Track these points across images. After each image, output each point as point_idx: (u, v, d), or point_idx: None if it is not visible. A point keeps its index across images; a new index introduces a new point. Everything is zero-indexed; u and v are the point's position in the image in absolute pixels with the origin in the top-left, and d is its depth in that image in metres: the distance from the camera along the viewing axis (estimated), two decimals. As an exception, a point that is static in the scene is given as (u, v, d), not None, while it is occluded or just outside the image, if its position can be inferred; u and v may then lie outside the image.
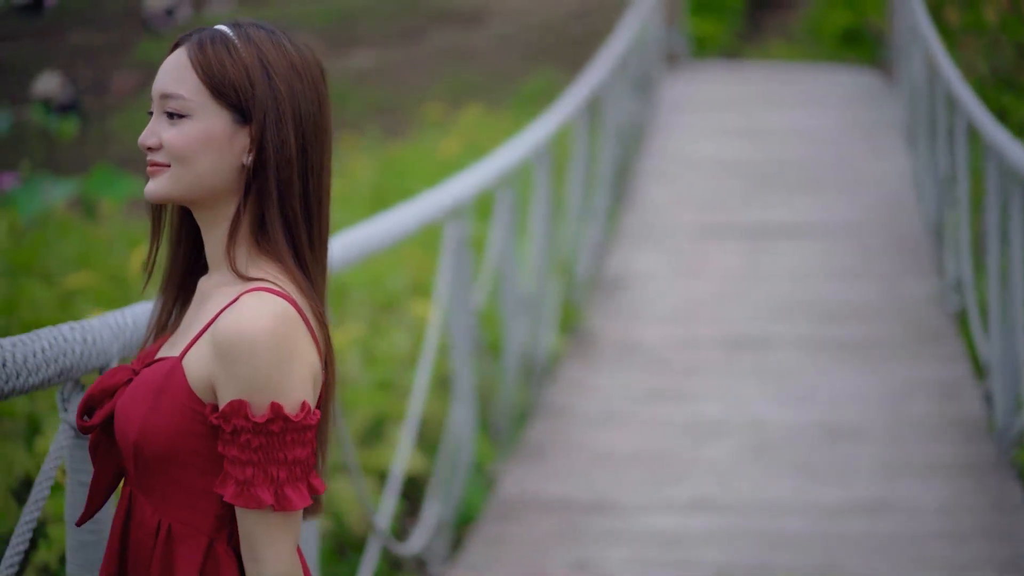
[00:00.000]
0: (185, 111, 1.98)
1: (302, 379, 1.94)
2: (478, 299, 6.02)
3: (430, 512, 5.13)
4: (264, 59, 1.99)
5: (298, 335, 1.94)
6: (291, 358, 1.93)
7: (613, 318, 8.26)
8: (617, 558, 5.07)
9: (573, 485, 5.82)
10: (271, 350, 1.91)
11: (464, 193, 5.52)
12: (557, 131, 7.88)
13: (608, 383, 7.17)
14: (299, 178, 1.99)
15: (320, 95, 2.03)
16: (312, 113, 2.01)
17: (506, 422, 6.43)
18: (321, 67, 2.05)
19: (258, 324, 1.91)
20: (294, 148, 1.99)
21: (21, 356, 2.11)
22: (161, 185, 1.99)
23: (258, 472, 1.92)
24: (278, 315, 1.92)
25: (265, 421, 1.91)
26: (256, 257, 2.00)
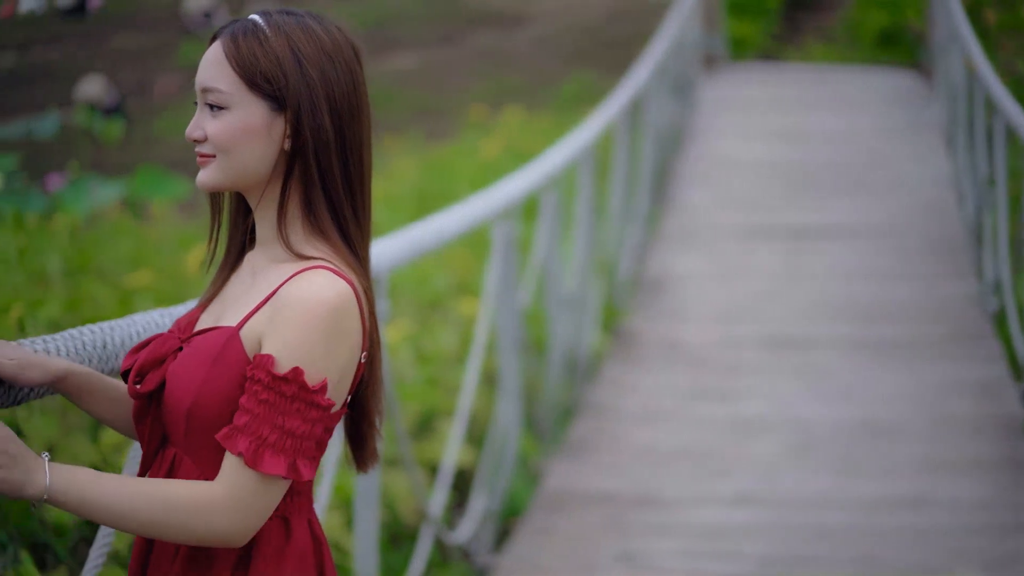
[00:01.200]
0: (224, 103, 2.04)
1: (339, 361, 2.00)
2: (524, 298, 6.15)
3: (477, 503, 5.27)
4: (295, 47, 2.04)
5: (351, 318, 2.01)
6: (338, 338, 1.99)
7: (654, 318, 8.38)
8: (663, 550, 5.19)
9: (618, 480, 5.94)
10: (325, 323, 1.97)
11: (512, 195, 5.66)
12: (601, 134, 8.01)
13: (650, 382, 7.30)
14: (338, 159, 2.06)
15: (354, 75, 2.08)
16: (346, 94, 2.06)
17: (550, 419, 6.57)
18: (355, 46, 2.10)
19: (322, 296, 1.97)
20: (331, 131, 2.05)
21: (119, 339, 2.25)
22: (209, 175, 2.06)
23: (251, 424, 1.95)
24: (340, 294, 1.99)
25: (280, 378, 1.96)
26: (308, 236, 2.06)
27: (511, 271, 5.70)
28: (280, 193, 2.07)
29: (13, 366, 2.04)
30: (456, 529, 5.11)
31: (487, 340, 5.56)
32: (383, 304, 3.82)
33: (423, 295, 7.23)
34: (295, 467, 1.98)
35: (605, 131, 8.25)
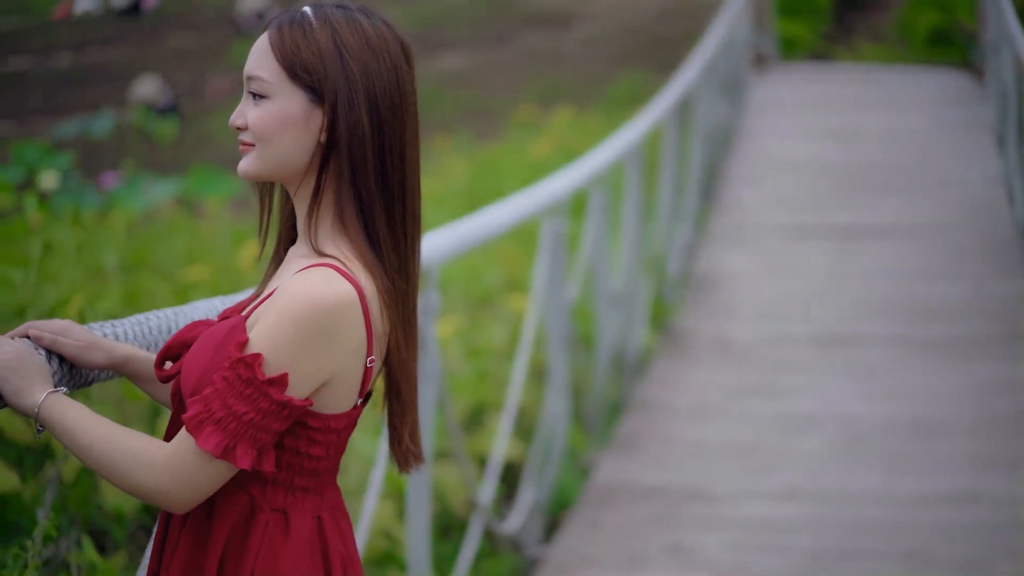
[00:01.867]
0: (266, 92, 2.03)
1: (320, 361, 1.97)
2: (572, 294, 6.21)
3: (526, 495, 5.33)
4: (338, 39, 2.02)
5: (346, 320, 1.98)
6: (322, 338, 1.96)
7: (703, 315, 8.43)
8: (712, 543, 5.24)
9: (666, 474, 6.00)
10: (305, 320, 1.95)
11: (561, 191, 5.72)
12: (648, 133, 8.05)
13: (699, 378, 7.34)
14: (375, 156, 2.02)
15: (398, 72, 2.05)
16: (388, 91, 2.03)
17: (599, 414, 6.62)
18: (403, 44, 2.07)
19: (310, 294, 1.95)
20: (368, 127, 2.02)
21: (183, 324, 2.32)
22: (248, 163, 2.05)
23: (208, 396, 1.95)
24: (336, 294, 1.96)
25: (240, 360, 1.95)
26: (332, 233, 2.04)
27: (559, 267, 5.76)
28: (315, 187, 2.05)
29: (78, 347, 2.09)
30: (506, 520, 5.18)
31: (535, 335, 5.63)
32: (433, 297, 3.89)
33: (473, 291, 7.30)
34: (231, 450, 1.95)
35: (653, 129, 8.29)
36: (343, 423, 2.05)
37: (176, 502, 1.98)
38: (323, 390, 2.01)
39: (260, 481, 2.03)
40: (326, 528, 2.08)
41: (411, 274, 2.09)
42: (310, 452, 2.04)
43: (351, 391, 2.03)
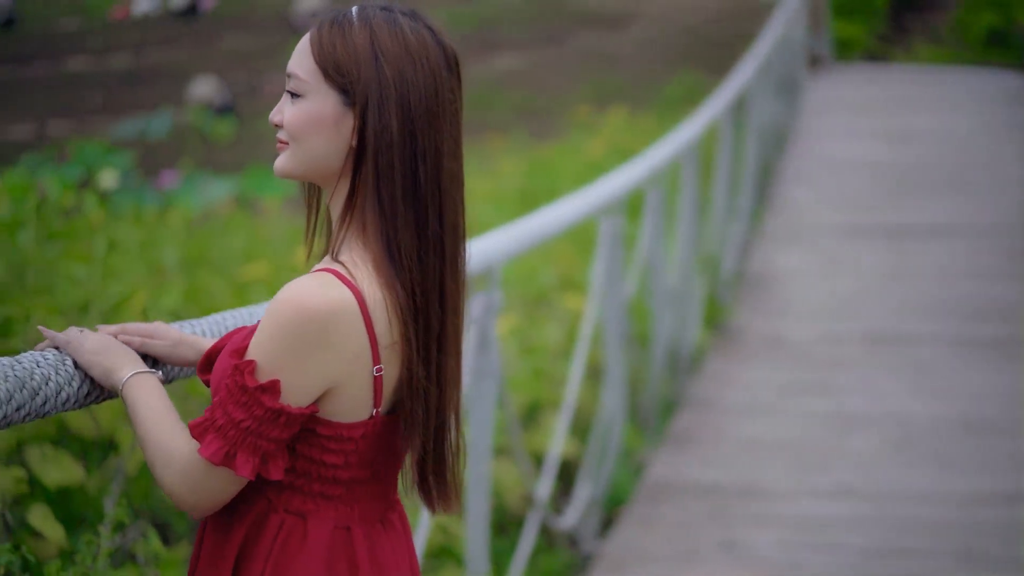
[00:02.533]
0: (301, 91, 1.99)
1: (313, 368, 1.93)
2: (629, 292, 6.27)
3: (582, 492, 5.40)
4: (376, 42, 1.97)
5: (340, 327, 1.93)
6: (313, 345, 1.92)
7: (757, 314, 8.46)
8: (764, 540, 5.29)
9: (720, 471, 6.05)
10: (294, 325, 1.91)
11: (618, 190, 5.78)
12: (704, 132, 8.10)
13: (752, 376, 7.38)
14: (403, 164, 1.96)
15: (437, 79, 1.99)
16: (424, 97, 1.97)
17: (653, 411, 6.68)
18: (446, 50, 2.02)
19: (300, 299, 1.91)
20: (396, 133, 1.95)
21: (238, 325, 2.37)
22: (282, 162, 2.01)
23: (214, 405, 1.95)
24: (329, 301, 1.92)
25: (236, 367, 1.93)
26: (353, 238, 2.00)
27: (616, 265, 5.82)
28: (348, 192, 2.00)
29: (166, 346, 2.13)
30: (562, 516, 5.24)
31: (593, 333, 5.69)
32: (496, 295, 3.96)
33: (529, 290, 7.37)
34: (231, 457, 1.93)
35: (709, 128, 8.34)
36: (359, 432, 1.98)
37: (190, 507, 1.96)
38: (329, 398, 1.96)
39: (278, 484, 2.01)
40: (355, 541, 2.02)
41: (445, 291, 2.00)
42: (324, 460, 1.99)
43: (361, 400, 1.97)
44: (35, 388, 1.92)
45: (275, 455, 1.95)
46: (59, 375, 1.98)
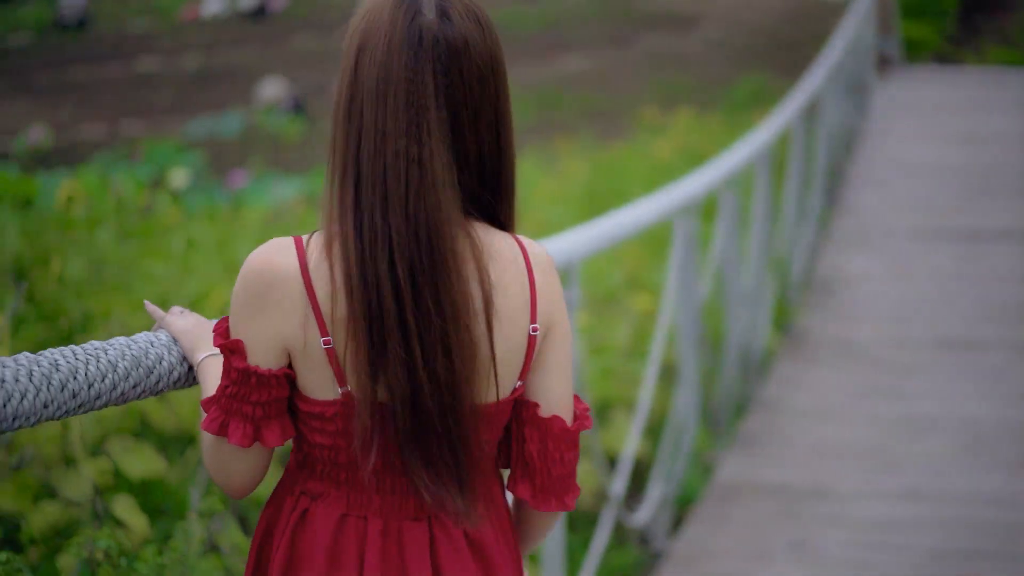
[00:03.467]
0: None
1: (252, 326, 1.91)
2: (702, 294, 6.32)
3: (654, 490, 5.45)
4: (364, 12, 1.98)
5: (272, 288, 1.91)
6: (252, 302, 1.91)
7: (826, 317, 8.48)
8: (833, 540, 5.32)
9: (789, 472, 6.08)
10: (241, 284, 1.92)
11: (693, 192, 5.83)
12: (778, 135, 8.13)
13: (821, 379, 7.40)
14: (344, 135, 1.93)
15: (392, 56, 1.93)
16: (375, 75, 1.93)
17: (725, 413, 6.72)
18: (420, 27, 1.93)
19: (248, 260, 1.92)
20: (342, 106, 1.94)
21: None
22: None
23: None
24: (265, 260, 1.91)
25: (215, 330, 1.98)
26: (326, 212, 1.97)
27: (691, 266, 5.87)
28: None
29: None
30: (634, 514, 5.29)
31: (666, 333, 5.73)
32: (574, 291, 4.02)
33: (598, 289, 7.43)
34: (224, 426, 1.93)
35: (782, 132, 8.36)
36: (331, 411, 1.93)
37: (221, 485, 1.98)
38: (296, 367, 1.93)
39: (299, 465, 2.00)
40: (369, 533, 1.97)
41: (397, 273, 1.90)
42: (312, 440, 1.97)
43: (319, 372, 1.92)
44: (150, 367, 2.00)
45: (266, 421, 1.93)
46: (171, 355, 2.06)
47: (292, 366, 1.93)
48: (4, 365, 1.71)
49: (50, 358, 1.80)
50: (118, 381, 1.92)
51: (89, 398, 1.85)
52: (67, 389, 1.82)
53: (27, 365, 1.76)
